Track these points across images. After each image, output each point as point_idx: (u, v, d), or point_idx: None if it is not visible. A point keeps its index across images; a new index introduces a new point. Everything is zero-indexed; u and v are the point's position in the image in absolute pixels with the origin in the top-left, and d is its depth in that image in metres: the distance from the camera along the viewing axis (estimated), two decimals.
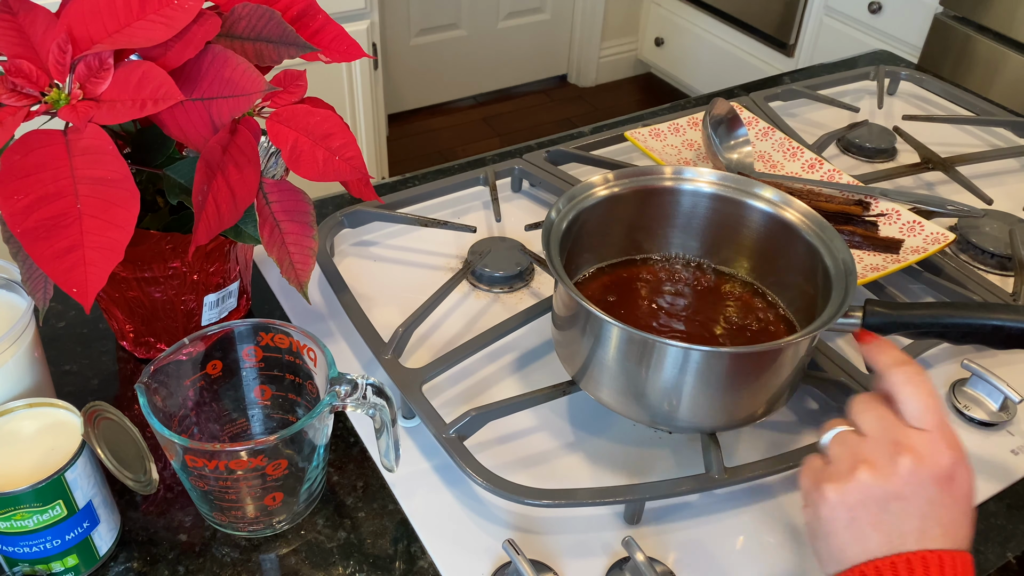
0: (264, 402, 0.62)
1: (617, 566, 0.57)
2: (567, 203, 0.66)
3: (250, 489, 0.55)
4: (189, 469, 0.53)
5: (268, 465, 0.53)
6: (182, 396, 0.58)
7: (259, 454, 0.52)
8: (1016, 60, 1.78)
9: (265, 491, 0.56)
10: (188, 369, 0.58)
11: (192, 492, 0.57)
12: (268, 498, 0.56)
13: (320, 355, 0.57)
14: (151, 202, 0.64)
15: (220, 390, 0.61)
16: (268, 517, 0.58)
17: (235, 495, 0.56)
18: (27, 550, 0.52)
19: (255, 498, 0.56)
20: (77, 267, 0.50)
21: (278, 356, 0.60)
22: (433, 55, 2.68)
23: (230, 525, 0.58)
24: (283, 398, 0.62)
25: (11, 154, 0.50)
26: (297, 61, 0.60)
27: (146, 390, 0.53)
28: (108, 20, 0.54)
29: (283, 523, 0.58)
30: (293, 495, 0.57)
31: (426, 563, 0.57)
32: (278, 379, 0.61)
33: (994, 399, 0.68)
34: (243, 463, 0.52)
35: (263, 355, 0.60)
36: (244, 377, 0.61)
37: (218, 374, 0.60)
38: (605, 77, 3.01)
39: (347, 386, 0.54)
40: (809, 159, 0.90)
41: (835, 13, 2.19)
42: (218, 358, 0.59)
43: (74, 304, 0.75)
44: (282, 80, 0.60)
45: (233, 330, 0.58)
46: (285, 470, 0.55)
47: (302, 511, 0.59)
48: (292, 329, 0.58)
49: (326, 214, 0.85)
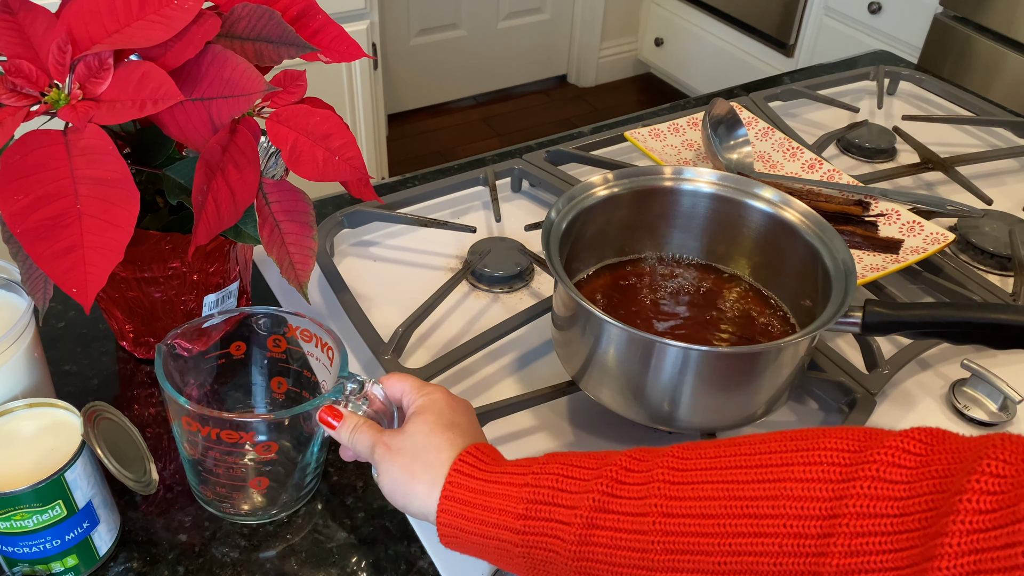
0: (279, 394, 0.63)
1: None
2: (567, 203, 0.66)
3: (237, 466, 0.56)
4: (184, 433, 0.54)
5: (259, 445, 0.54)
6: (201, 370, 0.60)
7: (250, 430, 0.53)
8: (1016, 60, 1.78)
9: (252, 472, 0.56)
10: (212, 345, 0.59)
11: (185, 462, 0.58)
12: (254, 481, 0.57)
13: (337, 355, 0.57)
14: (151, 202, 0.64)
15: (238, 374, 0.62)
16: (250, 501, 0.58)
17: (222, 469, 0.56)
18: (27, 550, 0.52)
19: (238, 477, 0.57)
20: (77, 267, 0.50)
21: (299, 350, 0.61)
22: (433, 55, 2.68)
23: (214, 503, 0.58)
24: (297, 394, 0.63)
25: (11, 154, 0.49)
26: (297, 61, 0.60)
27: (165, 352, 0.55)
28: (108, 20, 0.54)
29: (266, 513, 0.59)
30: (281, 484, 0.58)
31: (426, 563, 0.57)
32: (296, 373, 0.62)
33: (994, 399, 0.68)
34: (233, 436, 0.53)
35: (287, 347, 0.61)
36: (265, 365, 0.62)
37: (240, 356, 0.61)
38: (605, 77, 3.01)
39: (354, 384, 0.55)
40: (809, 159, 0.90)
41: (835, 13, 2.19)
42: (244, 339, 0.60)
43: (74, 304, 0.75)
44: (282, 80, 0.60)
45: (260, 316, 0.60)
46: (275, 455, 0.56)
47: (288, 503, 0.59)
48: (319, 326, 0.59)
49: (326, 214, 0.85)
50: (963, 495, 0.33)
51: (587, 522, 0.43)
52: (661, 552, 0.41)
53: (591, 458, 0.46)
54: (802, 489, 0.38)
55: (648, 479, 0.42)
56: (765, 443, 0.41)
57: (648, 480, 0.42)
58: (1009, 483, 0.33)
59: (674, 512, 0.40)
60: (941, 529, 0.34)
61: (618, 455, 0.45)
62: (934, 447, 0.37)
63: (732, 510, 0.39)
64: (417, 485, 0.49)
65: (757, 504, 0.39)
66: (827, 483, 0.38)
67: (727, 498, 0.39)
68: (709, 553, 0.39)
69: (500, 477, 0.48)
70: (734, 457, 0.41)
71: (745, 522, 0.39)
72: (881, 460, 0.37)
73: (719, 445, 0.43)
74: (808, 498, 0.38)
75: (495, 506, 0.47)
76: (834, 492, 0.37)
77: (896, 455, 0.37)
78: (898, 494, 0.36)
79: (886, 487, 0.36)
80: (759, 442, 0.41)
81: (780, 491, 0.38)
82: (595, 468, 0.45)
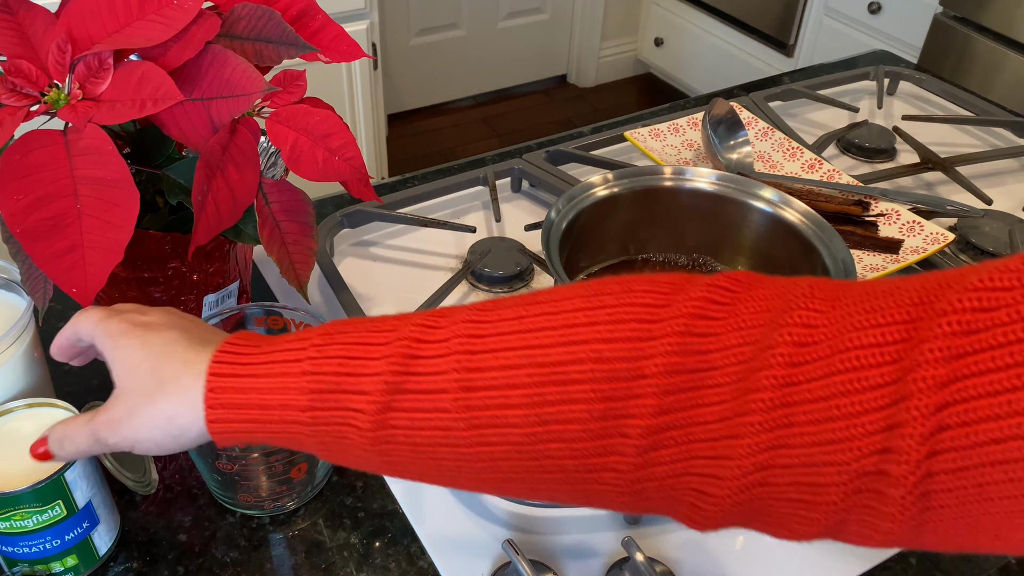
0: None
1: (617, 566, 0.57)
2: (567, 203, 0.66)
3: (278, 463, 0.56)
4: (220, 454, 0.55)
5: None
6: None
7: None
8: (1016, 60, 1.78)
9: (289, 464, 0.56)
10: None
11: (211, 481, 0.59)
12: (295, 470, 0.58)
13: None
14: (151, 202, 0.64)
15: None
16: (294, 490, 0.59)
17: (263, 472, 0.57)
18: (27, 550, 0.52)
19: (279, 472, 0.57)
20: (77, 267, 0.50)
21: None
22: (433, 55, 2.68)
23: (255, 506, 0.59)
24: None
25: (11, 154, 0.49)
26: (297, 61, 0.60)
27: None
28: (108, 20, 0.54)
29: (303, 494, 0.60)
30: (313, 460, 0.58)
31: (426, 563, 0.57)
32: None
33: None
34: None
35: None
36: None
37: None
38: (605, 77, 3.01)
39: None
40: (809, 159, 0.90)
41: (835, 13, 2.19)
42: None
43: (74, 304, 0.75)
44: (282, 80, 0.60)
45: (258, 313, 0.61)
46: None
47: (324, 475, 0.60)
48: (314, 319, 0.59)
49: (326, 214, 0.85)
50: (774, 348, 0.32)
51: (382, 406, 0.38)
52: (466, 428, 0.37)
53: (377, 331, 0.40)
54: (609, 350, 0.36)
55: (445, 350, 0.38)
56: (569, 300, 0.38)
57: (446, 352, 0.38)
58: (821, 333, 0.32)
59: (476, 385, 0.37)
60: (753, 384, 0.33)
61: (408, 324, 0.40)
62: (740, 295, 0.36)
63: (538, 378, 0.36)
64: (165, 405, 0.41)
65: (564, 370, 0.36)
66: (633, 342, 0.35)
67: (532, 365, 0.36)
68: (517, 425, 0.37)
69: (271, 368, 0.41)
70: (537, 318, 0.38)
71: (553, 389, 0.36)
72: (686, 313, 0.35)
73: (519, 304, 0.39)
74: (615, 359, 0.35)
75: (275, 402, 0.40)
76: (640, 351, 0.35)
77: (702, 306, 0.35)
78: (706, 347, 0.35)
79: (693, 341, 0.35)
80: (561, 299, 0.38)
81: (587, 354, 0.36)
82: (383, 344, 0.39)
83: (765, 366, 0.32)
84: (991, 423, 0.28)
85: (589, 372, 0.36)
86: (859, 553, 0.59)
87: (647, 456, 0.35)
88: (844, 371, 0.31)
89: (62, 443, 0.45)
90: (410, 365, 0.38)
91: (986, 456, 0.28)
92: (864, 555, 0.58)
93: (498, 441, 0.37)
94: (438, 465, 0.39)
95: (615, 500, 0.37)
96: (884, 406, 0.30)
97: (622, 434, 0.35)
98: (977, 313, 0.29)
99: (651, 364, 0.35)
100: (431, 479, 0.40)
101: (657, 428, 0.34)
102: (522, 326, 0.38)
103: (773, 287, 0.35)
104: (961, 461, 0.28)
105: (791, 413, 0.32)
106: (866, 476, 0.31)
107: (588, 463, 0.36)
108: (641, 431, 0.35)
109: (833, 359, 0.31)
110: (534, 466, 0.37)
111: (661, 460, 0.35)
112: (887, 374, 0.30)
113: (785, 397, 0.32)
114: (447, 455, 0.38)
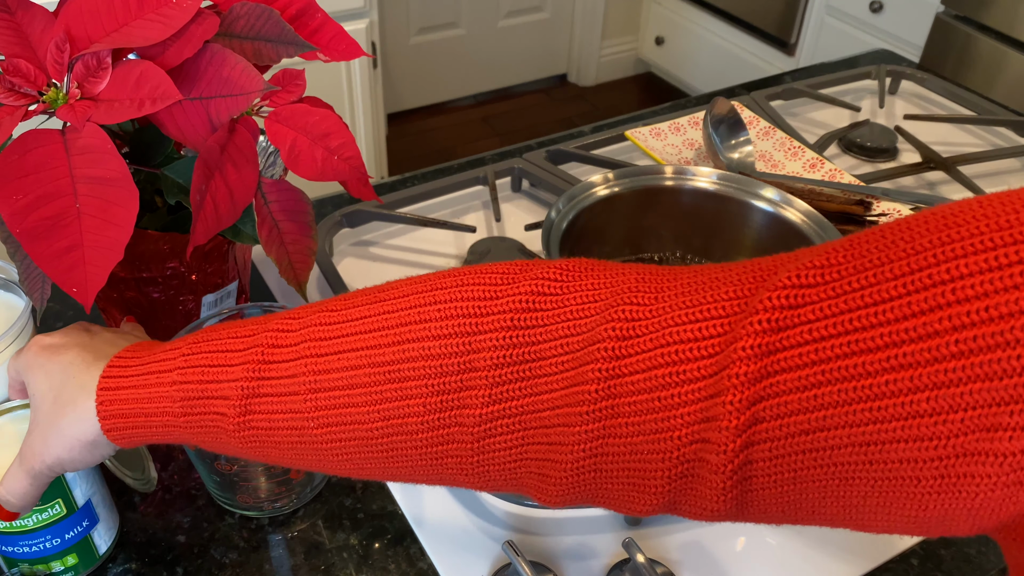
0: None
1: (617, 568, 0.56)
2: (567, 203, 0.66)
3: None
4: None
5: None
6: None
7: None
8: (1018, 59, 1.78)
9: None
10: None
11: (210, 481, 0.59)
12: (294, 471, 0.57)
13: None
14: (149, 202, 0.64)
15: None
16: (293, 490, 0.59)
17: (262, 473, 0.57)
18: (26, 549, 0.52)
19: (278, 473, 0.57)
20: (77, 267, 0.50)
21: None
22: (432, 54, 2.68)
23: (253, 507, 0.59)
24: None
25: (9, 154, 0.49)
26: (296, 60, 0.60)
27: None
28: (106, 19, 0.54)
29: (302, 494, 0.59)
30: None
31: (426, 564, 0.57)
32: None
33: None
34: None
35: None
36: None
37: None
38: (605, 76, 3.01)
39: None
40: (810, 159, 0.90)
41: (836, 12, 2.19)
42: None
43: (72, 304, 0.75)
44: (280, 79, 0.60)
45: (243, 312, 0.61)
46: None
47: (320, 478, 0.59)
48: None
49: (325, 214, 0.84)
50: (600, 343, 0.34)
51: (242, 409, 0.42)
52: (317, 427, 0.41)
53: (237, 338, 0.44)
54: (438, 347, 0.38)
55: (295, 355, 0.41)
56: (406, 297, 0.40)
57: (295, 356, 0.41)
58: (643, 326, 0.34)
59: (323, 387, 0.40)
60: (580, 377, 0.35)
61: (265, 329, 0.43)
62: (569, 284, 0.37)
63: (376, 377, 0.39)
64: (69, 428, 0.46)
65: (399, 368, 0.38)
66: (462, 337, 0.37)
67: (370, 366, 0.39)
68: (362, 422, 0.40)
69: (147, 379, 0.45)
70: (377, 318, 0.40)
71: (390, 387, 0.39)
72: (514, 308, 0.37)
73: (367, 301, 0.42)
74: (444, 355, 0.38)
75: (154, 410, 0.44)
76: (469, 346, 0.37)
77: (530, 298, 0.37)
78: (534, 338, 0.36)
79: (521, 333, 0.37)
80: (400, 296, 0.41)
81: (419, 352, 0.38)
82: (241, 351, 0.43)
83: (592, 359, 0.35)
84: (800, 416, 0.30)
85: (421, 369, 0.38)
86: (859, 553, 0.58)
87: (483, 443, 0.38)
88: (665, 365, 0.33)
89: (11, 494, 0.48)
90: (264, 370, 0.42)
91: (798, 446, 0.30)
92: (864, 555, 0.58)
93: (347, 437, 0.40)
94: (301, 456, 0.43)
95: (464, 482, 0.40)
96: (702, 399, 0.32)
97: (458, 424, 0.38)
98: (786, 311, 0.30)
99: (480, 358, 0.37)
100: (300, 465, 0.44)
101: (491, 416, 0.37)
102: (364, 327, 0.41)
103: (602, 276, 0.37)
104: (776, 451, 0.31)
105: (616, 404, 0.34)
106: (687, 463, 0.33)
107: (431, 451, 0.39)
108: (475, 419, 0.37)
109: (655, 353, 0.33)
110: (384, 456, 0.40)
111: (497, 447, 0.37)
112: (705, 367, 0.32)
113: (610, 389, 0.34)
114: (306, 449, 0.42)
